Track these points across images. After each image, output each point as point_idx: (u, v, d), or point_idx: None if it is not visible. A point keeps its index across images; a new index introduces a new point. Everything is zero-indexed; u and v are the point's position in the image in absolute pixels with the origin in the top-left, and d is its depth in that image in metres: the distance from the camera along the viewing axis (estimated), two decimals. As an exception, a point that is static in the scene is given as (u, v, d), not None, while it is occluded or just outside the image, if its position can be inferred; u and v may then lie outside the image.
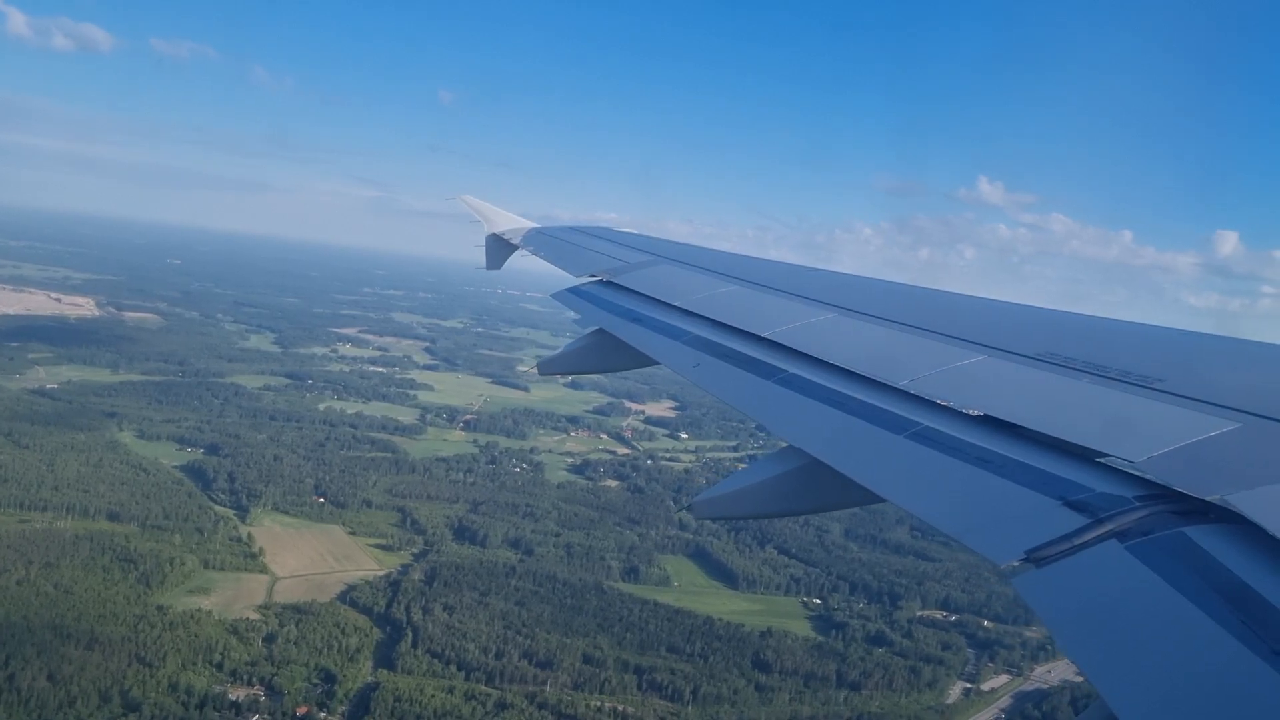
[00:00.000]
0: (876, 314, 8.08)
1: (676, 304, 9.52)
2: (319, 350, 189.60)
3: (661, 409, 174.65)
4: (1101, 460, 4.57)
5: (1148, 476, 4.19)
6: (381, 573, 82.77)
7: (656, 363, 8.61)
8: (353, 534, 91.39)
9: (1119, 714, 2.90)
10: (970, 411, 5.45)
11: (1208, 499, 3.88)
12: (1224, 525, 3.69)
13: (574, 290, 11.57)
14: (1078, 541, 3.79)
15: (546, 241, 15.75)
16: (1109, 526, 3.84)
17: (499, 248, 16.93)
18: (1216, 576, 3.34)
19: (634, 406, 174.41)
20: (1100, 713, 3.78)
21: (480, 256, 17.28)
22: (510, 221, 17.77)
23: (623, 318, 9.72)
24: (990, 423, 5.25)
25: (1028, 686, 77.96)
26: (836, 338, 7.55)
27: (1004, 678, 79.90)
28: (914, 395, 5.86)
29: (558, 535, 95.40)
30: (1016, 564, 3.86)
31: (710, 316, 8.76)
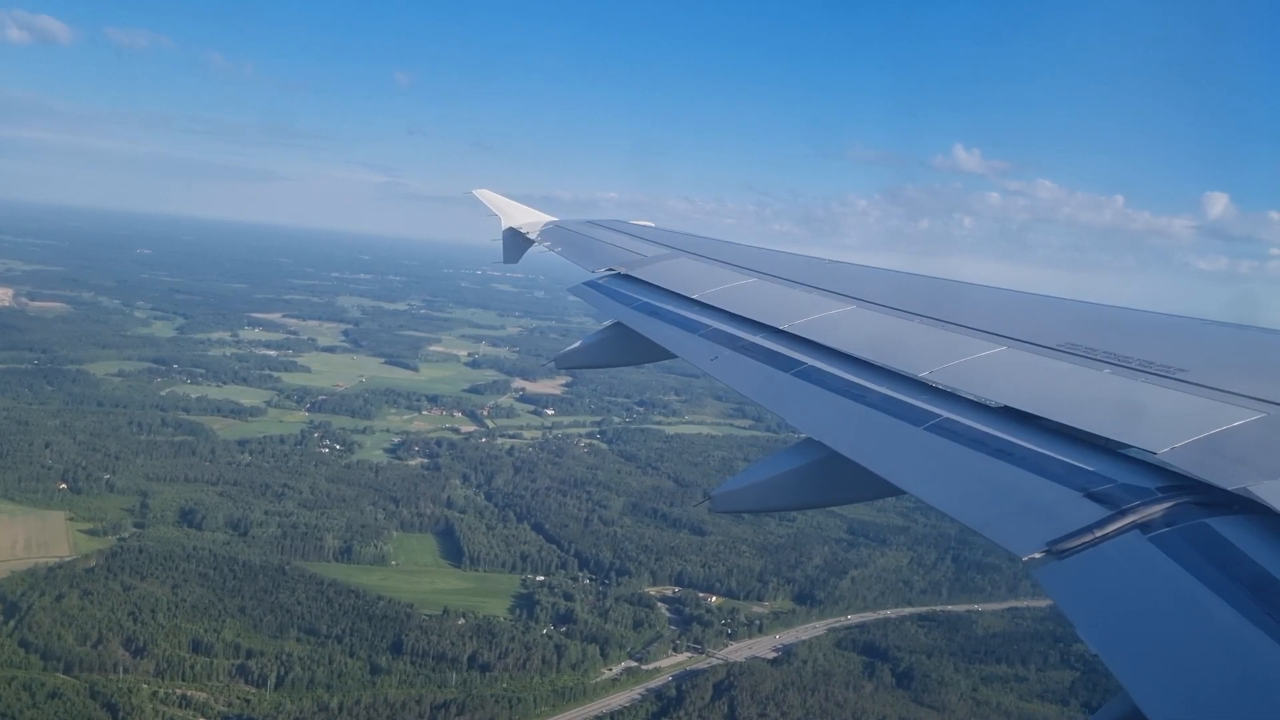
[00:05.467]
0: (895, 306, 8.02)
1: (694, 297, 9.48)
2: (220, 335, 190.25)
3: (551, 386, 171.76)
4: (1123, 451, 4.54)
5: (1170, 467, 4.15)
6: (69, 559, 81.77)
7: (675, 355, 8.61)
8: (72, 519, 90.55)
9: (1142, 706, 2.87)
10: (991, 403, 5.41)
11: (1231, 489, 3.83)
12: (1248, 516, 3.66)
13: (591, 284, 11.61)
14: (1100, 533, 3.78)
15: (563, 236, 15.91)
16: (1131, 518, 3.82)
17: (516, 242, 17.08)
18: (1240, 568, 3.32)
19: (520, 384, 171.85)
20: (1123, 705, 3.65)
21: (498, 249, 17.43)
22: (527, 215, 17.90)
23: (640, 311, 9.76)
24: (1011, 414, 5.22)
25: (700, 665, 73.98)
26: (855, 330, 7.54)
27: (683, 656, 76.06)
28: (934, 387, 5.84)
29: (290, 516, 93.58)
30: (1039, 556, 3.82)
31: (728, 309, 8.77)
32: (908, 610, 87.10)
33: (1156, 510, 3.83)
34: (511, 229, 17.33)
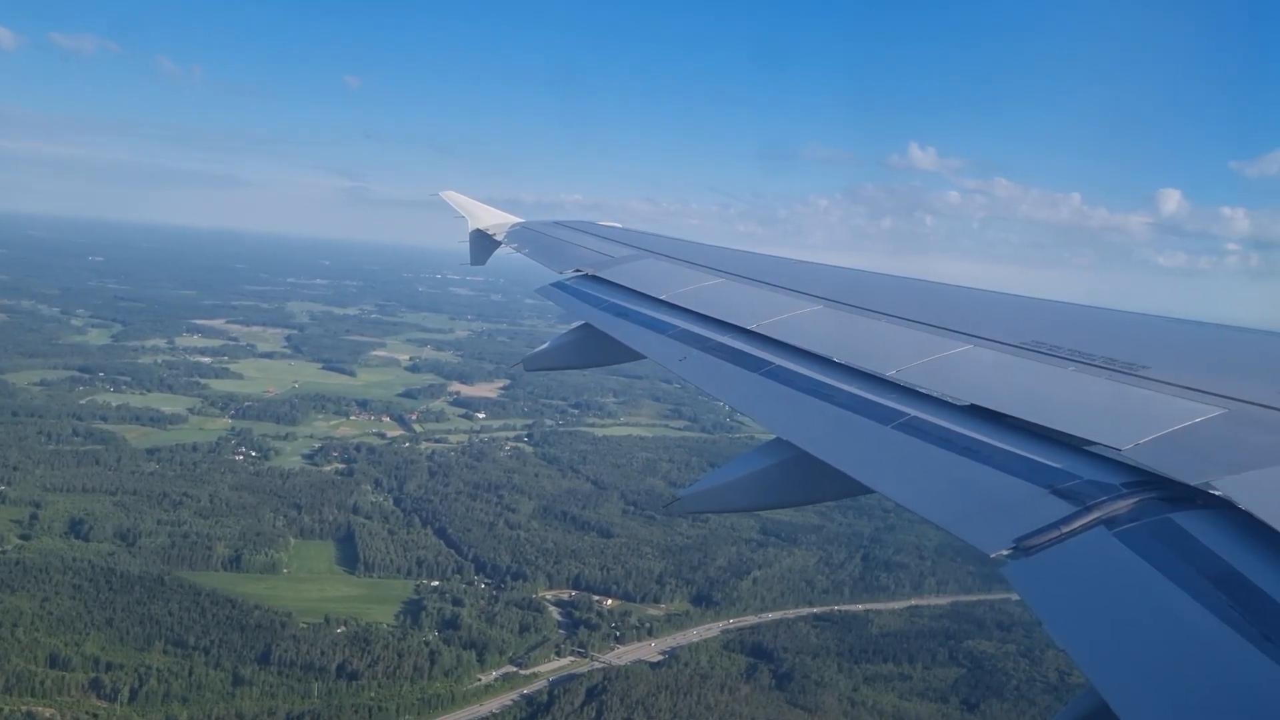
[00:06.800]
0: (862, 305, 8.07)
1: (662, 298, 9.51)
2: (155, 343, 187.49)
3: (488, 390, 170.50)
4: (1089, 448, 4.58)
5: (1135, 463, 4.21)
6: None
7: (643, 357, 8.60)
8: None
9: (1110, 701, 2.90)
10: (957, 401, 5.47)
11: (1194, 485, 3.89)
12: (1211, 511, 3.73)
13: (558, 285, 11.59)
14: (1066, 529, 3.82)
15: (530, 237, 15.88)
16: (1097, 514, 3.86)
17: (483, 243, 17.10)
18: (1204, 562, 3.38)
19: (457, 388, 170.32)
20: (1090, 700, 3.75)
21: (464, 252, 17.44)
22: (494, 217, 17.85)
23: (608, 312, 9.79)
24: (978, 412, 5.27)
25: (581, 669, 72.87)
26: (823, 329, 7.61)
27: (566, 660, 74.95)
28: (901, 386, 5.88)
29: (183, 525, 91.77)
30: (1006, 553, 3.84)
31: (696, 310, 8.77)
32: (805, 610, 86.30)
33: (1122, 506, 3.88)
34: (478, 231, 17.35)
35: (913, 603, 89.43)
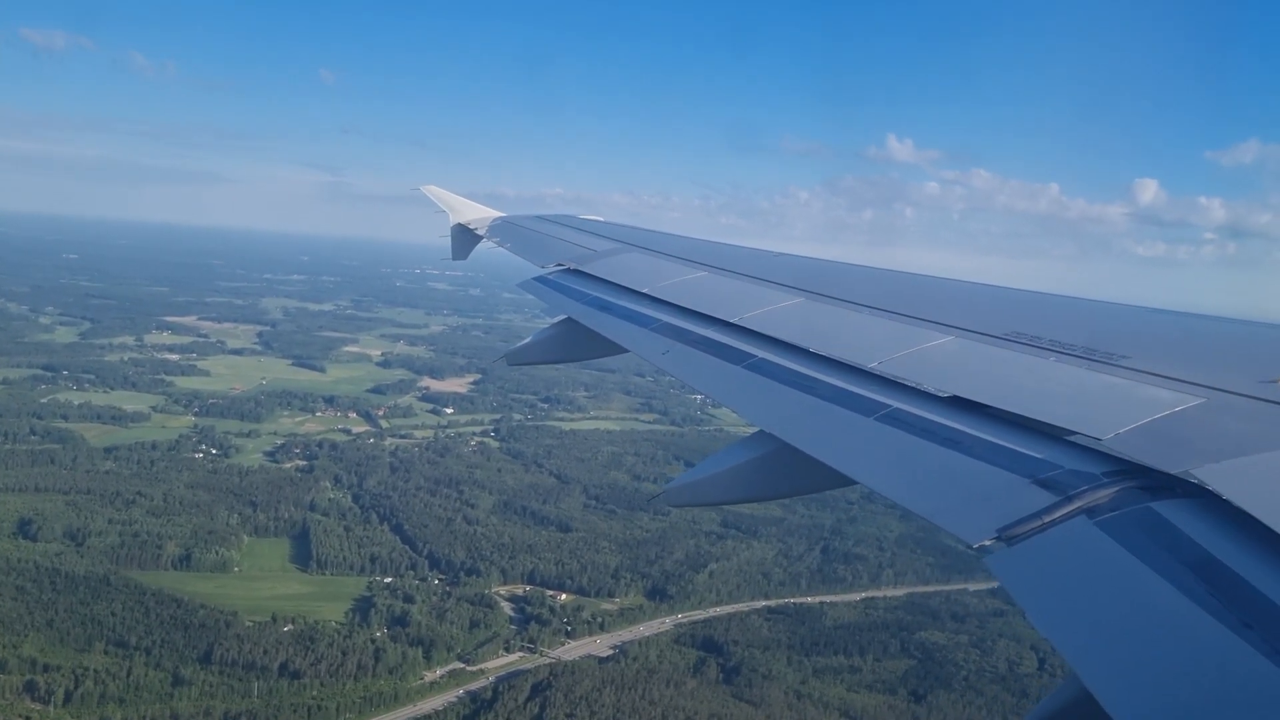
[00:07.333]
0: (844, 297, 8.13)
1: (644, 291, 9.56)
2: (124, 340, 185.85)
3: (458, 385, 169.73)
4: (1070, 438, 4.61)
5: (1115, 453, 4.23)
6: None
7: (626, 350, 8.65)
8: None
9: (1092, 688, 2.93)
10: (939, 393, 5.45)
11: (1174, 474, 3.92)
12: (1190, 499, 3.76)
13: (540, 279, 11.57)
14: (1048, 519, 3.85)
15: (512, 231, 15.88)
16: (1078, 503, 3.89)
17: (465, 238, 17.06)
18: (1183, 550, 3.41)
19: (427, 383, 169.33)
20: (1073, 687, 3.80)
21: (446, 247, 17.40)
22: (476, 212, 17.82)
23: (591, 306, 9.80)
24: (959, 403, 5.28)
25: (529, 665, 72.42)
26: (805, 322, 7.65)
27: (515, 656, 74.50)
28: (883, 377, 5.89)
29: (134, 524, 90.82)
30: (989, 543, 3.87)
31: (679, 303, 8.81)
32: (761, 603, 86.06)
33: (1103, 495, 3.91)
34: (460, 225, 17.31)
35: (869, 594, 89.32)
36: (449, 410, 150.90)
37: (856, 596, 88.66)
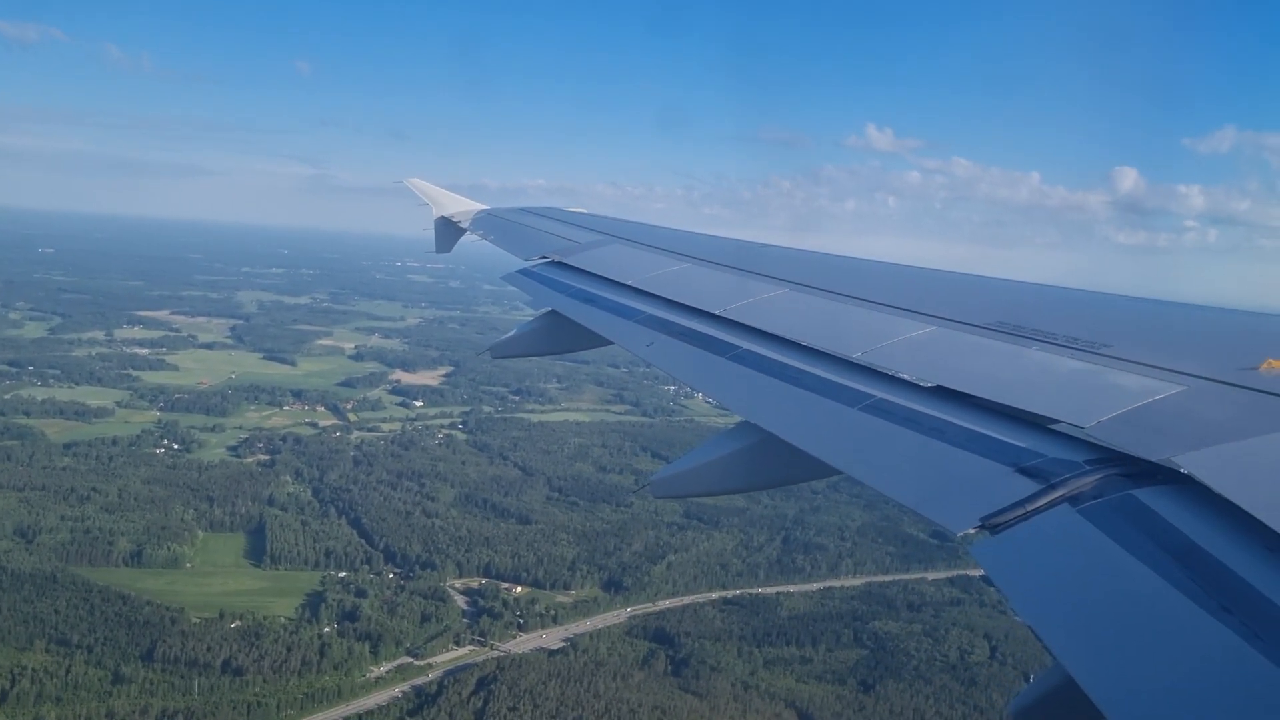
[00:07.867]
0: (828, 288, 8.15)
1: (629, 283, 9.57)
2: (93, 335, 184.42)
3: (429, 377, 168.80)
4: (1053, 427, 4.64)
5: (1097, 441, 4.26)
6: None
7: (610, 343, 8.64)
8: None
9: (1075, 675, 2.96)
10: (923, 382, 5.49)
11: (1155, 461, 3.94)
12: (1172, 486, 3.78)
13: (524, 271, 11.59)
14: (1031, 507, 3.87)
15: (495, 224, 15.87)
16: (1061, 491, 3.91)
17: (448, 231, 17.03)
18: (1165, 536, 3.44)
19: (398, 376, 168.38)
20: (1056, 674, 3.80)
21: (429, 240, 17.35)
22: (459, 204, 17.73)
23: (575, 298, 9.78)
24: (943, 393, 5.31)
25: (478, 658, 71.92)
26: (789, 313, 7.66)
27: (464, 650, 73.95)
28: (867, 368, 5.95)
29: (86, 520, 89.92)
30: (973, 531, 3.89)
31: (663, 295, 8.83)
32: (716, 594, 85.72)
33: (1085, 483, 3.92)
34: (443, 218, 17.28)
35: (827, 584, 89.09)
36: (418, 403, 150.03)
37: (814, 586, 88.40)
